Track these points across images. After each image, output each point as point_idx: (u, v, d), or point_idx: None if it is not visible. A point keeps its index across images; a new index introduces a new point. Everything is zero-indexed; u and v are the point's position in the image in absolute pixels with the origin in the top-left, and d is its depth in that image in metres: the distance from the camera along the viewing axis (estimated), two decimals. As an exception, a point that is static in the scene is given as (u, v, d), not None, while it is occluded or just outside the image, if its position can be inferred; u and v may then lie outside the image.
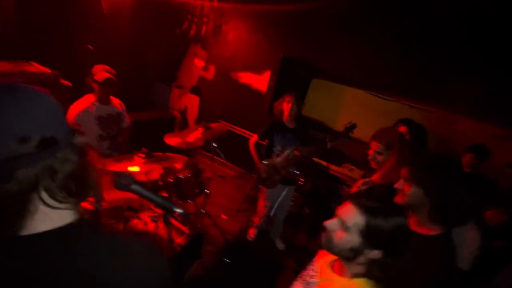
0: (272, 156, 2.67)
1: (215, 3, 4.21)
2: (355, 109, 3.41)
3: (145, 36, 4.44)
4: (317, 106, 3.69)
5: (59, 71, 2.71)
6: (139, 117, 3.73)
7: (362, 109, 3.38)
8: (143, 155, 1.94)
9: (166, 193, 2.49)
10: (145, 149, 1.98)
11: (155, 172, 2.53)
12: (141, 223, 2.07)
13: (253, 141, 2.71)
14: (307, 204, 3.64)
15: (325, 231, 0.95)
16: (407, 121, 2.26)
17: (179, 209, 0.75)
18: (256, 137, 2.71)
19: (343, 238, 0.89)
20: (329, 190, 3.50)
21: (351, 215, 0.89)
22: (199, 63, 4.59)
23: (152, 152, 2.03)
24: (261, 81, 4.03)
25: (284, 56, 3.23)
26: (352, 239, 0.88)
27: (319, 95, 3.65)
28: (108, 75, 2.26)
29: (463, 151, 2.49)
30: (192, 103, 4.82)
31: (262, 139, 2.71)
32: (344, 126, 2.39)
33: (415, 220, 1.19)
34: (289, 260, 2.89)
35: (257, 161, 2.67)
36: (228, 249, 2.82)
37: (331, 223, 0.94)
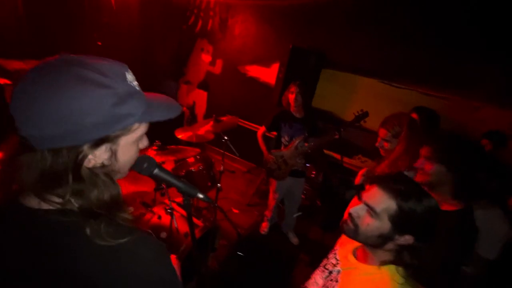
0: (280, 147, 2.63)
1: (221, -3, 4.16)
2: (367, 99, 3.33)
3: (153, 32, 4.43)
4: (327, 97, 3.62)
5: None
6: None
7: (374, 98, 3.29)
8: (156, 148, 1.93)
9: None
10: (158, 141, 1.97)
11: (168, 165, 2.53)
12: (155, 217, 2.07)
13: (261, 132, 2.68)
14: (319, 197, 3.60)
15: (349, 217, 0.90)
16: (418, 109, 2.20)
17: (201, 195, 0.72)
18: (263, 128, 2.68)
19: (371, 224, 0.84)
20: (341, 182, 3.44)
21: (379, 199, 0.84)
22: (206, 58, 4.56)
23: (164, 145, 2.02)
24: (270, 74, 3.97)
25: (293, 46, 3.16)
26: (381, 225, 0.83)
27: (329, 86, 3.58)
28: None
29: (480, 137, 2.42)
30: (200, 99, 4.81)
31: (269, 130, 2.68)
32: (354, 114, 2.33)
33: (435, 198, 1.20)
34: (302, 253, 2.86)
35: (265, 152, 2.64)
36: (241, 243, 2.81)
37: (357, 208, 0.89)
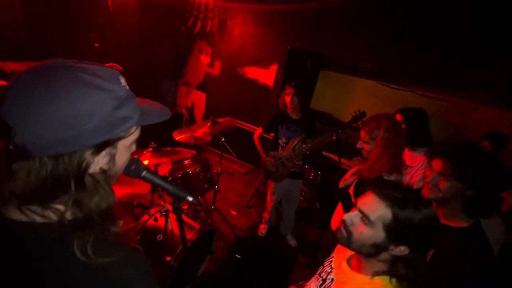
0: (278, 149, 2.62)
1: (220, -2, 4.16)
2: (365, 101, 3.32)
3: (151, 33, 4.43)
4: (325, 98, 3.61)
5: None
6: (146, 114, 3.72)
7: (373, 100, 3.28)
8: (152, 150, 1.91)
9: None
10: (154, 143, 1.95)
11: (165, 167, 2.52)
12: (151, 219, 2.05)
13: (258, 134, 2.67)
14: (317, 199, 3.58)
15: (343, 224, 0.87)
16: (402, 109, 2.08)
17: (191, 197, 0.71)
18: (260, 129, 2.66)
19: (365, 232, 0.81)
20: (339, 183, 3.42)
21: (374, 207, 0.81)
22: (205, 59, 4.56)
23: (160, 146, 2.01)
24: (268, 75, 3.97)
25: (291, 47, 3.16)
26: (375, 234, 0.80)
27: (328, 87, 3.57)
28: None
29: (480, 139, 2.40)
30: (199, 100, 4.80)
31: (266, 131, 2.66)
32: (352, 114, 2.31)
33: (443, 212, 1.12)
34: (300, 255, 2.84)
35: (263, 155, 2.63)
36: (239, 245, 2.79)
37: (351, 215, 0.86)
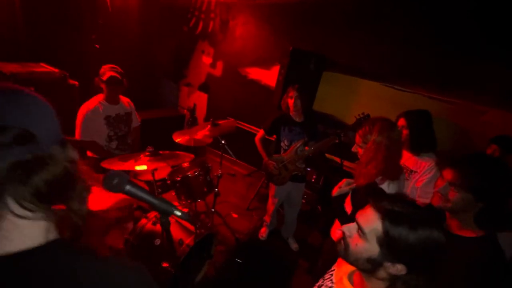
0: (280, 152, 2.58)
1: (222, -2, 4.13)
2: (369, 102, 3.26)
3: (153, 34, 4.42)
4: (328, 100, 3.56)
5: (68, 71, 2.72)
6: (148, 115, 3.72)
7: (377, 102, 3.22)
8: (149, 154, 1.89)
9: (174, 192, 2.46)
10: (151, 147, 1.93)
11: (163, 170, 2.49)
12: (149, 223, 2.03)
13: (260, 136, 2.63)
14: (320, 202, 3.53)
15: (342, 236, 0.85)
16: (406, 113, 2.00)
17: (179, 212, 0.67)
18: (262, 132, 2.63)
19: (360, 245, 0.78)
20: (342, 187, 3.37)
21: (369, 218, 0.77)
22: (207, 60, 4.54)
23: (158, 150, 1.98)
24: (270, 76, 3.93)
25: (293, 48, 3.11)
26: (369, 248, 0.76)
27: (331, 89, 3.51)
28: (112, 73, 2.23)
29: (488, 143, 2.33)
30: (200, 101, 4.78)
31: (268, 134, 2.63)
32: (356, 117, 2.26)
33: (456, 223, 1.10)
34: (302, 259, 2.80)
35: (264, 157, 2.59)
36: (239, 249, 2.76)
37: (348, 227, 0.83)
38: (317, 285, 1.04)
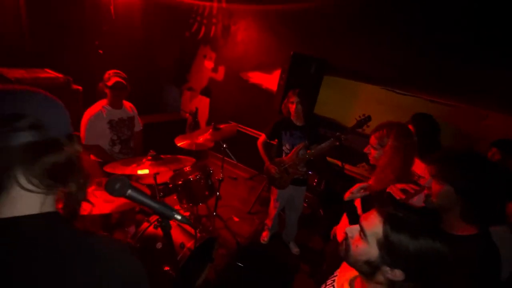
0: (282, 156, 2.59)
1: (224, 4, 4.18)
2: (370, 106, 3.26)
3: (155, 39, 4.48)
4: (329, 104, 3.57)
5: (72, 76, 2.76)
6: (150, 120, 3.76)
7: (377, 106, 3.23)
8: (151, 158, 1.91)
9: (176, 196, 2.47)
10: (153, 151, 1.95)
11: (165, 174, 2.51)
12: (151, 226, 2.04)
13: (262, 140, 2.65)
14: (321, 205, 3.53)
15: (345, 237, 0.86)
16: (413, 119, 2.02)
17: (179, 216, 0.69)
18: (264, 136, 2.64)
19: (360, 247, 0.79)
20: (344, 190, 3.36)
21: (371, 221, 0.79)
22: (209, 64, 4.58)
23: (160, 154, 2.00)
24: (272, 81, 3.95)
25: (294, 53, 3.14)
26: (369, 250, 0.77)
27: (332, 93, 3.53)
28: (117, 79, 2.26)
29: (490, 146, 2.32)
30: (202, 105, 4.81)
31: (270, 138, 2.64)
32: (356, 119, 2.26)
33: (447, 222, 1.10)
34: (303, 263, 2.79)
35: (266, 162, 2.60)
36: (240, 253, 2.76)
37: (351, 228, 0.85)
38: None
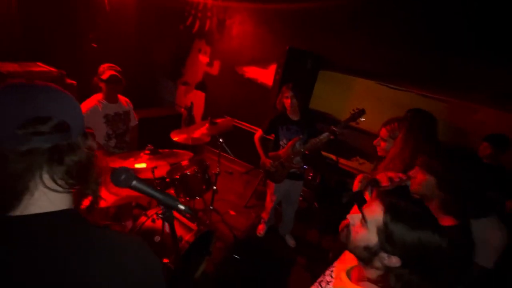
0: (278, 150, 2.62)
1: (219, -2, 4.14)
2: (365, 101, 3.30)
3: (150, 33, 4.42)
4: (325, 98, 3.60)
5: (65, 70, 2.72)
6: (145, 114, 3.73)
7: (372, 100, 3.27)
8: (149, 152, 1.91)
9: (173, 190, 2.48)
10: (151, 145, 1.95)
11: (162, 169, 2.52)
12: (149, 220, 2.06)
13: (258, 136, 2.67)
14: (316, 199, 3.58)
15: (346, 224, 0.90)
16: (413, 115, 2.10)
17: (183, 206, 0.70)
18: (261, 131, 2.66)
19: (360, 233, 0.83)
20: (338, 184, 3.43)
21: (373, 209, 0.82)
22: (204, 59, 4.55)
23: (157, 149, 2.00)
24: (267, 75, 3.96)
25: (290, 47, 3.14)
26: (369, 237, 0.80)
27: (327, 87, 3.56)
28: (112, 72, 2.25)
29: (482, 141, 2.39)
30: (198, 100, 4.79)
31: (267, 133, 2.66)
32: (350, 112, 2.29)
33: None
34: (299, 256, 2.85)
35: (262, 156, 2.62)
36: (237, 246, 2.79)
37: (353, 216, 0.88)
38: (318, 281, 1.07)
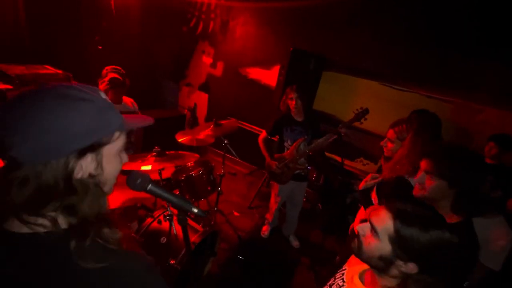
0: (283, 151, 2.63)
1: (222, -1, 4.16)
2: (368, 102, 3.28)
3: (153, 35, 4.45)
4: (328, 99, 3.61)
5: (71, 72, 2.74)
6: (149, 115, 3.74)
7: (376, 101, 3.27)
8: (156, 154, 1.93)
9: (178, 191, 2.50)
10: (158, 147, 1.97)
11: (168, 170, 2.53)
12: (155, 221, 2.07)
13: (262, 137, 2.67)
14: (320, 200, 3.59)
15: (356, 235, 0.88)
16: (419, 113, 2.05)
17: (196, 209, 0.72)
18: (265, 133, 2.67)
19: (372, 244, 0.81)
20: (342, 185, 3.43)
21: (382, 218, 0.80)
22: (207, 60, 4.57)
23: (164, 150, 2.02)
24: (271, 76, 3.97)
25: (293, 48, 3.15)
26: (382, 247, 0.79)
27: (330, 88, 3.56)
28: (114, 75, 2.27)
29: (487, 140, 2.39)
30: (201, 101, 4.81)
31: (271, 135, 2.67)
32: (354, 112, 2.29)
33: None
34: (303, 257, 2.85)
35: (267, 157, 2.63)
36: (241, 246, 2.80)
37: (362, 226, 0.86)
38: (328, 284, 1.05)
